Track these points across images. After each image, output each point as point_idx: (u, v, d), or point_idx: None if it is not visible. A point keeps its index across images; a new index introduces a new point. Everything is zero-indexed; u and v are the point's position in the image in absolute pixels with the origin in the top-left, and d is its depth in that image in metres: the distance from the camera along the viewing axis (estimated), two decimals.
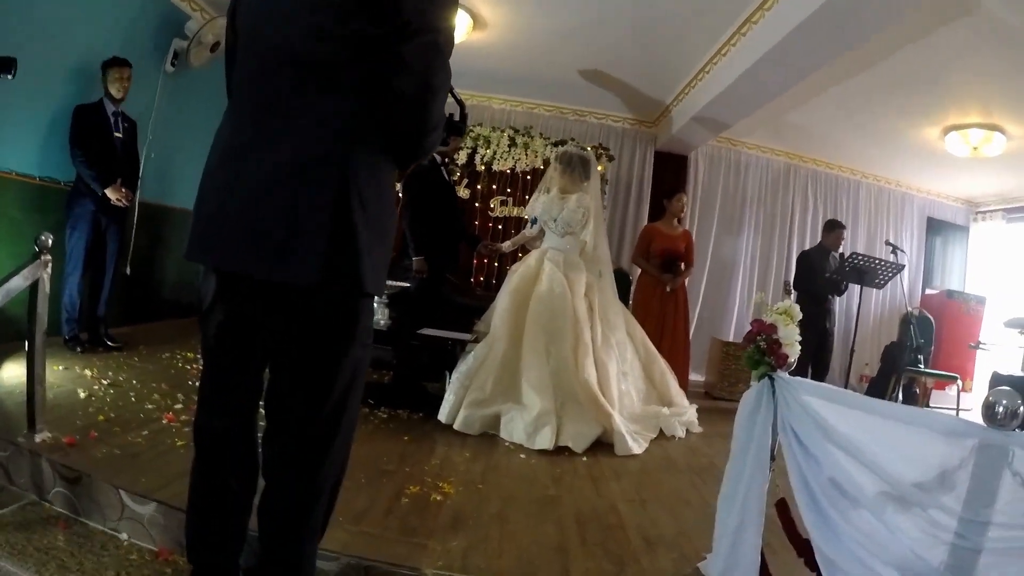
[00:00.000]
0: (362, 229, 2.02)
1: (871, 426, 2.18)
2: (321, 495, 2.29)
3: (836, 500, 2.23)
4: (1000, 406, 1.78)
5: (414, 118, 2.09)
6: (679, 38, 7.71)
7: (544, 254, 6.35)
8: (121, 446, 3.86)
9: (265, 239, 2.01)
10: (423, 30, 2.02)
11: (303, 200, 1.99)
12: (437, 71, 2.09)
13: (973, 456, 1.82)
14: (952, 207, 12.85)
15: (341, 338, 2.15)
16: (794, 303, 2.82)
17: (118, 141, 6.60)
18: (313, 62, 2.04)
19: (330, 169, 2.00)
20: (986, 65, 7.07)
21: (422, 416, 5.68)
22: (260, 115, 2.13)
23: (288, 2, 2.10)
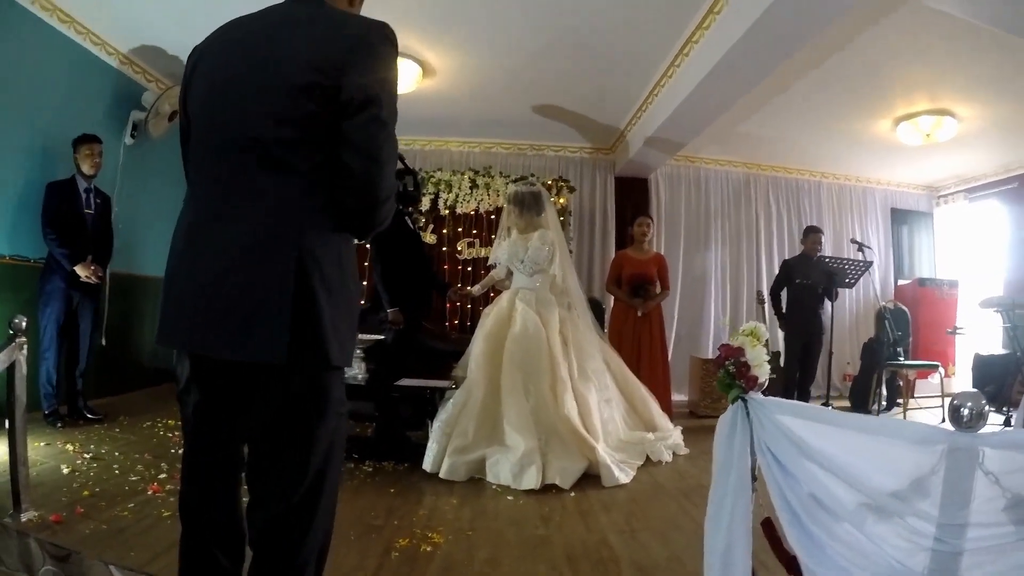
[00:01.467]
0: (325, 304, 2.03)
1: (844, 440, 2.19)
2: (307, 565, 2.24)
3: (818, 515, 2.24)
4: (965, 408, 1.79)
5: (363, 193, 2.09)
6: (625, 64, 7.80)
7: (515, 294, 6.37)
8: (108, 520, 3.86)
9: (228, 320, 2.02)
10: (364, 105, 2.04)
11: (262, 280, 2.00)
12: (382, 145, 2.10)
13: (944, 461, 1.82)
14: (914, 195, 13.04)
15: (313, 413, 2.14)
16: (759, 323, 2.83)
17: (89, 217, 6.66)
18: (263, 144, 2.06)
19: (286, 248, 2.01)
20: (927, 52, 7.19)
21: (407, 467, 5.65)
22: (216, 197, 2.15)
23: (236, 86, 2.14)
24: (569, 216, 10.19)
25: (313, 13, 2.18)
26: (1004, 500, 1.77)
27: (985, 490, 1.78)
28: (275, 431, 2.15)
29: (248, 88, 2.10)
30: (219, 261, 2.05)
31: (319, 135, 2.04)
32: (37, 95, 6.75)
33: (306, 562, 2.22)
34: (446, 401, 5.88)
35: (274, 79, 2.06)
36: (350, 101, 2.02)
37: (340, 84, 2.01)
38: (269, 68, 2.10)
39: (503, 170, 10.40)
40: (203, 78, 2.26)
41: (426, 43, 7.51)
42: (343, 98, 2.02)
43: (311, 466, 2.15)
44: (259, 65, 2.12)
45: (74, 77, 7.31)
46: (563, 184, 9.97)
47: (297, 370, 2.04)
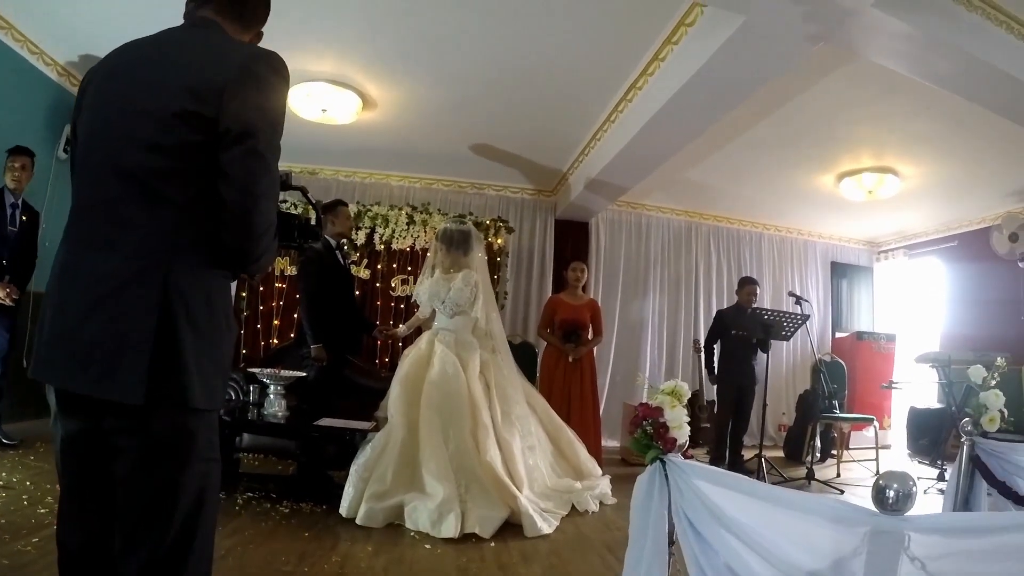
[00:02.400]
0: (189, 344, 1.93)
1: (762, 511, 2.09)
2: None
3: None
4: (891, 490, 1.68)
5: (237, 227, 2.00)
6: (569, 106, 7.79)
7: (435, 336, 6.30)
8: (10, 555, 3.75)
9: (91, 356, 1.92)
10: (241, 138, 1.96)
11: (125, 316, 1.91)
12: (259, 178, 2.01)
13: (867, 543, 1.72)
14: (855, 249, 13.25)
15: (176, 458, 2.02)
16: (681, 382, 2.71)
17: (12, 234, 6.49)
18: (137, 172, 1.99)
19: (152, 285, 1.92)
20: (872, 110, 7.27)
21: (325, 509, 5.48)
22: (88, 230, 2.08)
23: (116, 110, 2.07)
24: (507, 257, 10.20)
25: (204, 39, 2.14)
26: None
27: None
28: (138, 475, 2.03)
29: (127, 113, 2.04)
30: (87, 294, 1.98)
31: (196, 166, 1.96)
32: None
33: None
34: (365, 444, 5.75)
35: (150, 104, 2.01)
36: (227, 132, 1.96)
37: (218, 114, 1.94)
38: (147, 93, 2.03)
39: (442, 207, 10.38)
40: (89, 102, 2.18)
41: (367, 74, 7.45)
42: (220, 128, 1.95)
43: (178, 512, 2.03)
44: (139, 90, 2.05)
45: (8, 86, 7.18)
46: (502, 224, 9.96)
47: (157, 412, 1.94)
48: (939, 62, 5.36)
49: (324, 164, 10.62)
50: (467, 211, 10.20)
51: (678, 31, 5.84)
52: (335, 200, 7.14)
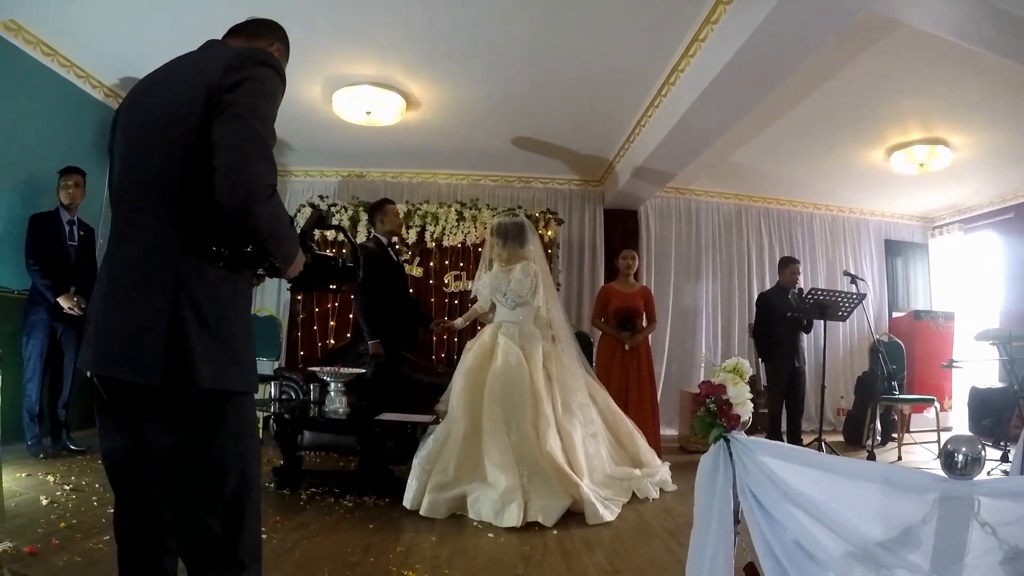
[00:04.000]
0: (195, 332, 2.06)
1: (830, 484, 2.09)
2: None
3: (802, 563, 2.13)
4: (960, 454, 1.69)
5: (228, 185, 2.03)
6: (610, 95, 7.80)
7: (498, 328, 6.32)
8: (82, 553, 3.85)
9: (117, 345, 2.12)
10: (228, 105, 2.07)
11: (142, 309, 2.09)
12: (243, 138, 2.08)
13: (936, 510, 1.73)
14: (909, 226, 13.00)
15: (208, 436, 2.15)
16: (742, 359, 2.72)
17: (72, 249, 6.74)
18: (151, 180, 2.17)
19: (162, 279, 2.07)
20: (919, 81, 7.17)
21: (389, 502, 5.57)
22: (115, 233, 2.29)
23: (136, 129, 2.27)
24: (557, 249, 10.22)
25: (208, 52, 2.32)
26: (1001, 553, 1.67)
27: (980, 542, 1.69)
28: (175, 460, 2.16)
29: (144, 129, 2.23)
30: (111, 291, 2.19)
31: (200, 171, 2.07)
32: (21, 128, 6.77)
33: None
34: (427, 437, 5.83)
35: (162, 117, 2.18)
36: (216, 111, 2.07)
37: (210, 100, 2.08)
38: (159, 108, 2.21)
39: (490, 202, 10.39)
40: (120, 129, 2.37)
41: (409, 75, 7.52)
42: (217, 105, 2.07)
43: (224, 491, 2.17)
44: (154, 107, 2.24)
45: (59, 110, 7.33)
46: (551, 216, 9.99)
47: (180, 396, 2.07)
48: (984, 24, 5.21)
49: (371, 166, 10.77)
50: (515, 205, 10.22)
51: (717, 10, 5.81)
52: (381, 199, 7.24)
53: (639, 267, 9.21)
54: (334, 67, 7.32)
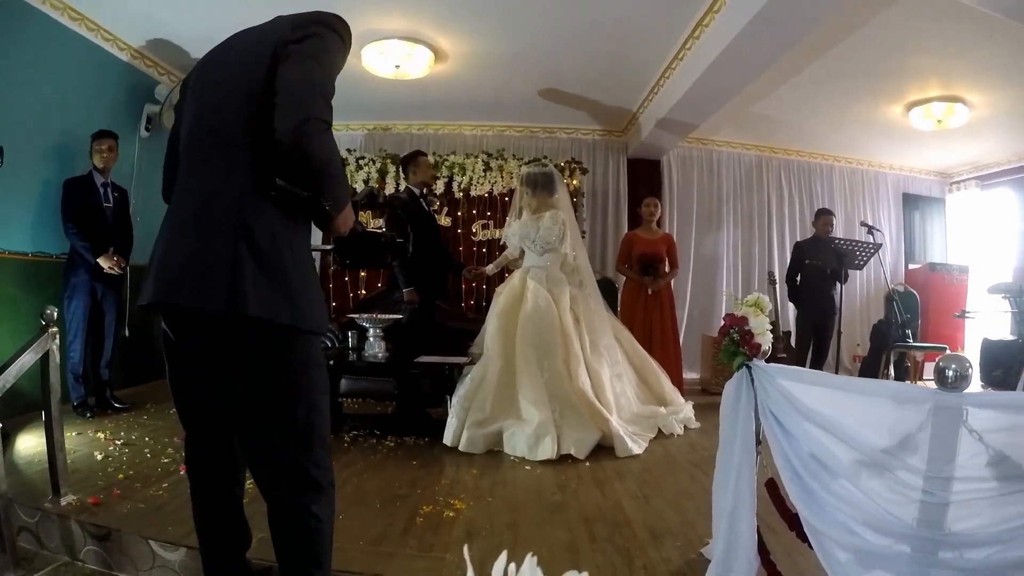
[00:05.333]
0: (248, 264, 2.19)
1: (840, 401, 2.33)
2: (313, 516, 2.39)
3: (817, 473, 2.38)
4: (950, 370, 1.92)
5: (286, 110, 2.19)
6: (635, 47, 7.91)
7: (527, 273, 6.51)
8: (144, 500, 4.00)
9: (180, 275, 2.26)
10: (287, 56, 2.26)
11: (204, 242, 2.25)
12: (304, 76, 2.26)
13: (930, 418, 1.96)
14: (926, 180, 13.04)
15: (272, 370, 2.31)
16: (762, 294, 2.98)
17: (108, 211, 6.72)
18: (221, 127, 2.35)
19: (226, 215, 2.24)
20: (939, 39, 7.26)
21: (428, 441, 5.83)
22: (182, 181, 2.45)
23: (207, 85, 2.47)
24: (582, 198, 10.31)
25: (277, 18, 2.46)
26: (987, 456, 1.90)
27: (969, 446, 1.91)
28: (242, 391, 2.34)
29: (218, 84, 2.42)
30: (176, 229, 2.37)
31: (263, 112, 2.23)
32: (51, 93, 6.85)
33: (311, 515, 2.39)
34: (464, 377, 6.06)
35: (235, 71, 2.38)
36: (283, 57, 2.25)
37: (277, 51, 2.27)
38: (233, 66, 2.41)
39: (516, 153, 10.53)
40: (191, 88, 2.56)
41: (438, 29, 7.64)
42: (279, 55, 2.26)
43: (293, 420, 2.33)
44: (227, 65, 2.44)
45: (87, 74, 7.41)
46: (576, 166, 10.09)
47: (236, 324, 2.22)
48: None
49: (397, 119, 10.91)
50: (540, 155, 10.38)
51: None
52: (414, 151, 7.36)
53: (662, 215, 9.35)
54: (364, 22, 7.38)
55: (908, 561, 2.02)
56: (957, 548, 1.96)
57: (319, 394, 2.42)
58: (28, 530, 3.72)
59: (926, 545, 1.98)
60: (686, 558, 3.32)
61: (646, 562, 3.26)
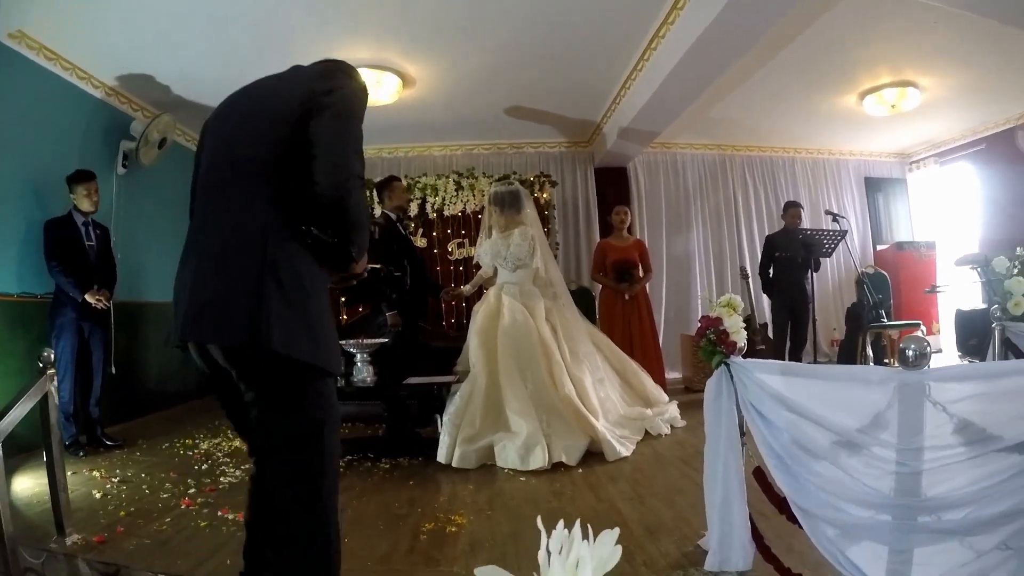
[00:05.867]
0: (273, 300, 2.30)
1: (814, 388, 2.49)
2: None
3: (799, 457, 2.53)
4: (910, 350, 2.07)
5: (325, 168, 2.36)
6: (595, 62, 8.10)
7: (501, 289, 6.64)
8: (149, 535, 4.06)
9: (207, 311, 2.36)
10: (322, 110, 2.39)
11: (230, 277, 2.34)
12: (339, 132, 2.43)
13: (896, 396, 2.10)
14: (887, 163, 13.30)
15: (288, 397, 2.43)
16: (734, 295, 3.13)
17: (91, 249, 6.75)
18: (247, 167, 2.45)
19: (251, 251, 2.34)
20: (883, 30, 7.47)
21: (421, 460, 5.90)
22: (204, 218, 2.56)
23: (228, 126, 2.61)
24: (553, 210, 10.45)
25: (297, 68, 2.64)
26: (952, 425, 2.06)
27: (934, 418, 2.07)
28: (260, 416, 2.46)
29: (241, 126, 2.56)
30: (201, 265, 2.44)
31: (290, 156, 2.38)
32: (27, 133, 6.86)
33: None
34: (452, 395, 6.16)
35: (260, 114, 2.52)
36: (313, 110, 2.39)
37: (309, 108, 2.39)
38: (256, 109, 2.56)
39: (486, 170, 10.68)
40: (211, 132, 2.71)
41: (405, 56, 7.79)
42: (315, 107, 2.39)
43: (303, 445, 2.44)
44: (250, 109, 2.59)
45: (63, 112, 7.43)
46: (545, 179, 10.22)
47: (259, 357, 2.32)
48: None
49: (367, 144, 10.67)
50: (510, 171, 10.49)
51: None
52: (388, 177, 7.48)
53: (632, 221, 9.52)
54: (333, 51, 7.27)
55: (891, 528, 2.16)
56: (934, 511, 2.10)
57: (331, 432, 2.52)
58: (34, 571, 3.71)
59: (905, 512, 2.12)
60: (684, 551, 3.44)
61: (646, 558, 3.38)
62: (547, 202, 10.01)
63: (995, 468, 2.03)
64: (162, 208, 9.08)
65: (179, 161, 9.29)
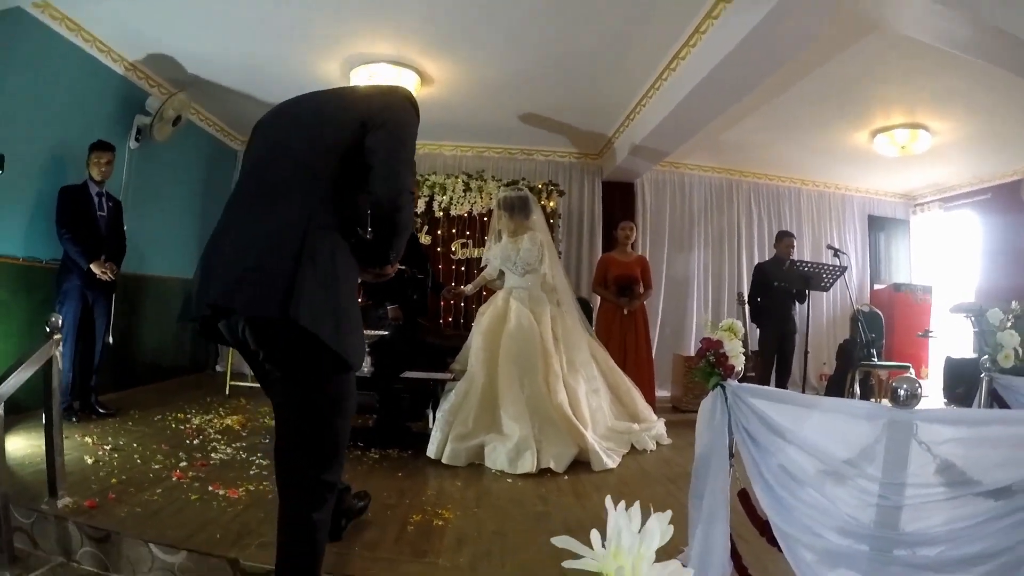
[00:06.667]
0: (309, 281, 2.54)
1: (806, 417, 2.57)
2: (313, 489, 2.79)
3: (786, 482, 2.61)
4: (902, 390, 2.15)
5: (384, 180, 2.72)
6: (613, 78, 8.17)
7: (509, 293, 6.69)
8: (140, 504, 4.14)
9: (242, 284, 2.59)
10: (381, 125, 2.75)
11: (271, 255, 2.59)
12: (394, 147, 2.76)
13: (885, 432, 2.18)
14: (891, 203, 13.32)
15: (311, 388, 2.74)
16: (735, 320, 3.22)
17: (102, 220, 6.86)
18: (304, 165, 2.76)
19: (295, 237, 2.58)
20: (901, 71, 7.53)
21: (411, 453, 6.01)
22: (253, 197, 2.83)
23: (290, 127, 2.93)
24: (558, 219, 10.45)
25: (354, 87, 3.02)
26: (935, 465, 2.13)
27: (919, 456, 2.14)
28: (284, 388, 2.83)
29: (292, 126, 2.93)
30: (243, 243, 2.68)
31: (347, 163, 2.73)
32: (47, 103, 6.93)
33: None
34: (448, 392, 6.25)
35: (314, 120, 2.88)
36: (372, 126, 2.72)
37: (366, 121, 2.73)
38: (311, 115, 2.91)
39: (495, 174, 10.68)
40: (264, 129, 3.08)
41: (426, 55, 7.86)
42: (369, 126, 2.72)
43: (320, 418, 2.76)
44: (302, 114, 2.95)
45: (81, 84, 7.50)
46: (552, 188, 10.22)
47: (289, 332, 2.56)
48: (957, 30, 5.63)
49: None
50: (519, 176, 10.48)
51: (717, 7, 6.22)
52: None
53: (635, 237, 9.61)
54: (354, 46, 7.63)
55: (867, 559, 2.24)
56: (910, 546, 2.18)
57: (348, 398, 2.84)
58: (23, 531, 3.83)
59: (883, 544, 2.20)
60: None
61: None
62: (553, 211, 10.01)
63: (971, 511, 2.08)
64: (171, 185, 9.28)
65: (191, 139, 9.52)
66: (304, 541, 2.75)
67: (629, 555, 1.08)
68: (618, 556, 1.12)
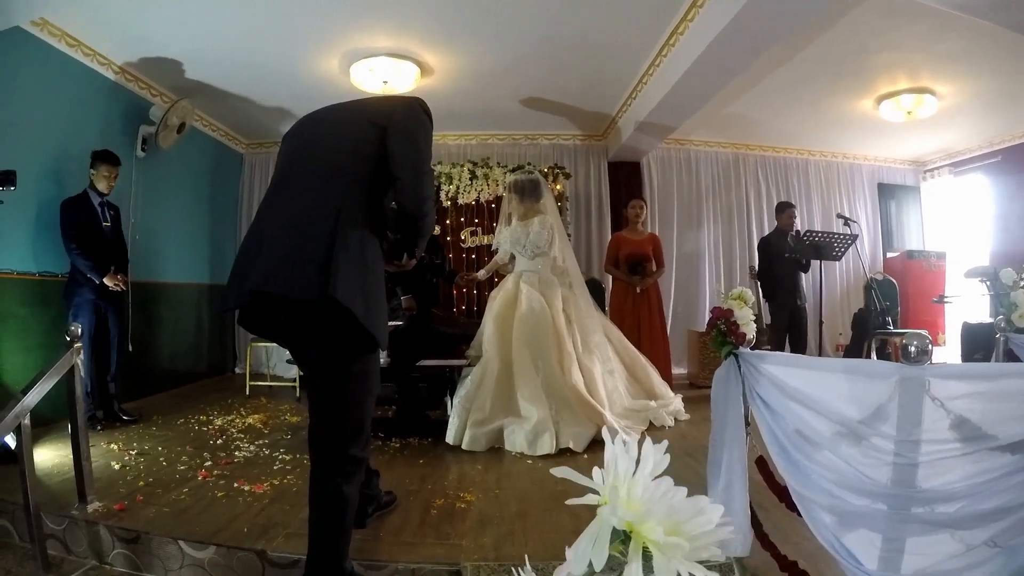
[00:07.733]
0: (342, 262, 2.76)
1: (819, 380, 2.58)
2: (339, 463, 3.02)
3: (801, 446, 2.62)
4: (912, 346, 2.16)
5: (411, 190, 3.00)
6: (613, 57, 8.14)
7: (519, 277, 6.70)
8: (168, 504, 4.22)
9: (282, 267, 2.82)
10: (399, 132, 3.06)
11: (307, 244, 2.82)
12: (410, 149, 3.07)
13: (898, 390, 2.19)
14: (901, 169, 13.24)
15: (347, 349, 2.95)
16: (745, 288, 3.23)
17: (107, 229, 6.88)
18: (340, 165, 3.03)
19: (330, 227, 2.82)
20: (902, 35, 7.48)
21: (431, 441, 6.08)
22: (287, 199, 3.06)
23: (321, 132, 3.23)
24: (566, 201, 10.45)
25: (378, 96, 3.22)
26: (949, 420, 2.14)
27: (932, 413, 2.15)
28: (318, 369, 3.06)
29: (331, 129, 3.21)
30: (279, 230, 2.92)
31: (373, 168, 3.03)
32: (48, 116, 6.95)
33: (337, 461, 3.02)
34: (464, 379, 6.27)
35: (342, 137, 3.15)
36: (392, 131, 3.02)
37: (387, 125, 3.01)
38: (339, 133, 3.17)
39: (500, 160, 10.68)
40: (295, 133, 3.35)
41: (425, 45, 7.85)
42: (388, 131, 3.00)
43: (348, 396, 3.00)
44: (338, 122, 3.22)
45: (83, 97, 7.53)
46: (559, 171, 10.23)
47: (324, 311, 2.80)
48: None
49: None
50: (524, 162, 10.49)
51: None
52: None
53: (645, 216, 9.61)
54: (353, 41, 7.63)
55: (885, 517, 2.25)
56: (928, 503, 2.19)
57: (373, 378, 3.10)
58: (55, 537, 3.91)
59: (900, 502, 2.21)
60: None
61: None
62: (560, 194, 10.00)
63: (988, 466, 2.09)
64: (179, 191, 9.37)
65: (196, 146, 9.62)
66: (333, 516, 2.95)
67: (624, 481, 1.10)
68: (616, 484, 1.15)
